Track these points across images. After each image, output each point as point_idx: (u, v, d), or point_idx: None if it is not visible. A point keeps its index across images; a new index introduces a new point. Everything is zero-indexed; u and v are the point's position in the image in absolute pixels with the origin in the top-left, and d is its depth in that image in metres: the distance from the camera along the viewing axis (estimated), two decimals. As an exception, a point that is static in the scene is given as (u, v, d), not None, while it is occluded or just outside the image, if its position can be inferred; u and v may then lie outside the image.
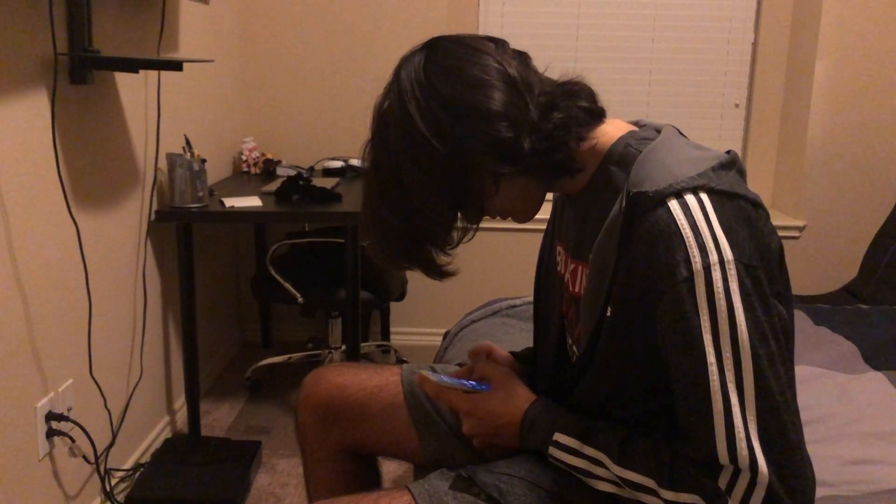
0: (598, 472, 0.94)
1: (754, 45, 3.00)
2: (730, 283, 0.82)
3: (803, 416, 1.20)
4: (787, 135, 3.02)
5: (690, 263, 0.83)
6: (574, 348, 1.07)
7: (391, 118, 0.93)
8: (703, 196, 0.85)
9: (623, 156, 0.95)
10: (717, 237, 0.83)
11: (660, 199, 0.85)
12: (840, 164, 2.93)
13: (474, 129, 0.89)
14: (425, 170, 0.90)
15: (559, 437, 0.97)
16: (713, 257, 0.82)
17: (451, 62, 0.92)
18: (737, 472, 0.83)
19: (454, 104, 0.89)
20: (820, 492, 1.23)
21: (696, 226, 0.84)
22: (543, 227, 1.22)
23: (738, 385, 0.82)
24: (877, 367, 1.71)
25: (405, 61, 0.95)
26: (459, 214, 0.97)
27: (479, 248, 3.02)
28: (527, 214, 1.02)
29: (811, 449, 1.33)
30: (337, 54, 2.96)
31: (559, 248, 1.11)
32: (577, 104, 0.94)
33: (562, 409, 1.01)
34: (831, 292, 2.58)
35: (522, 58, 0.97)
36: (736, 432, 0.82)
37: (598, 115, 0.97)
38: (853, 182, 2.94)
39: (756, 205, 0.88)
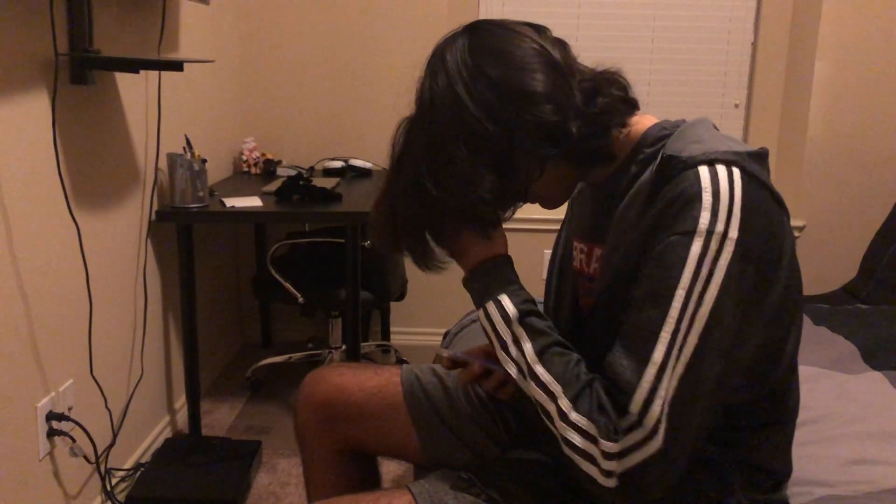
0: (512, 350, 0.93)
1: (754, 45, 3.00)
2: (720, 259, 0.83)
3: (803, 415, 1.20)
4: (786, 135, 3.02)
5: (696, 222, 0.83)
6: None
7: (438, 100, 0.92)
8: (736, 171, 0.85)
9: (657, 139, 0.96)
10: (733, 212, 0.83)
11: (692, 164, 0.86)
12: (840, 164, 2.93)
13: (521, 111, 0.90)
14: (475, 151, 0.91)
15: (504, 298, 0.96)
16: (719, 227, 0.83)
17: (495, 44, 0.92)
18: (636, 425, 0.83)
19: (501, 86, 0.90)
20: (819, 492, 1.23)
21: (718, 194, 0.84)
22: (544, 227, 1.22)
23: (680, 349, 0.83)
24: (876, 367, 1.71)
25: (448, 44, 0.95)
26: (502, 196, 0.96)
27: (479, 248, 3.01)
28: (558, 201, 1.03)
29: (811, 449, 1.34)
30: (337, 54, 2.96)
31: (576, 243, 1.12)
32: (616, 93, 0.96)
33: (520, 285, 1.00)
34: (830, 292, 2.58)
35: (563, 45, 0.97)
36: (659, 390, 0.82)
37: (633, 105, 0.99)
38: (853, 182, 2.94)
39: (780, 203, 0.88)
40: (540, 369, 0.90)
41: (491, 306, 0.97)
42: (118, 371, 2.00)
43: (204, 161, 2.18)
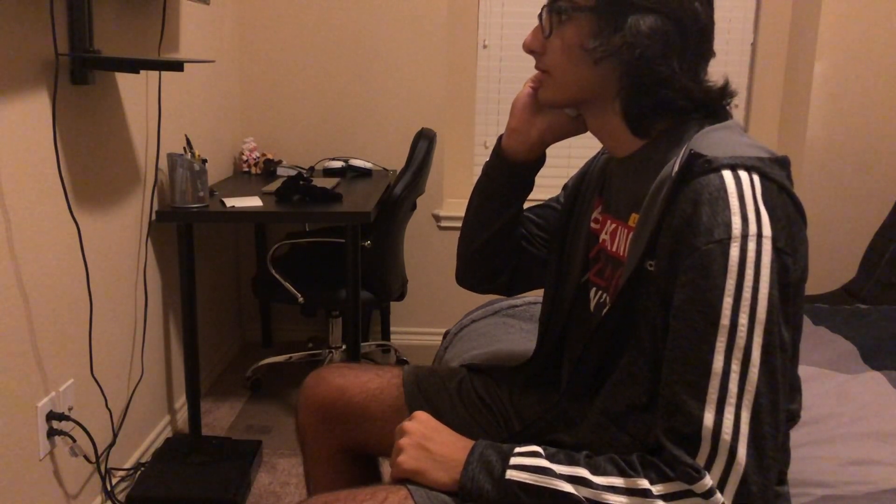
0: (563, 486, 0.88)
1: (753, 45, 3.00)
2: (762, 257, 0.83)
3: (803, 415, 1.20)
4: (786, 135, 3.02)
5: (730, 228, 0.83)
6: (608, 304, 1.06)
7: None
8: (756, 177, 0.86)
9: (686, 132, 0.96)
10: (761, 213, 0.84)
11: (715, 167, 0.86)
12: (839, 164, 2.93)
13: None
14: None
15: (520, 448, 0.93)
16: (752, 229, 0.83)
17: None
18: (713, 452, 0.81)
19: None
20: (818, 492, 1.23)
21: (744, 198, 0.84)
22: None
23: (745, 353, 0.82)
24: (875, 367, 1.71)
25: None
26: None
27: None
28: (552, 90, 1.02)
29: (810, 449, 1.34)
30: (337, 54, 2.96)
31: (597, 202, 1.11)
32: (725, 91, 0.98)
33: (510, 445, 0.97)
34: (830, 292, 2.58)
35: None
36: (728, 398, 0.81)
37: (721, 112, 0.99)
38: (852, 182, 2.95)
39: (799, 210, 0.89)
40: (600, 480, 0.87)
41: (517, 459, 0.92)
42: (118, 371, 2.00)
43: (204, 161, 2.18)
